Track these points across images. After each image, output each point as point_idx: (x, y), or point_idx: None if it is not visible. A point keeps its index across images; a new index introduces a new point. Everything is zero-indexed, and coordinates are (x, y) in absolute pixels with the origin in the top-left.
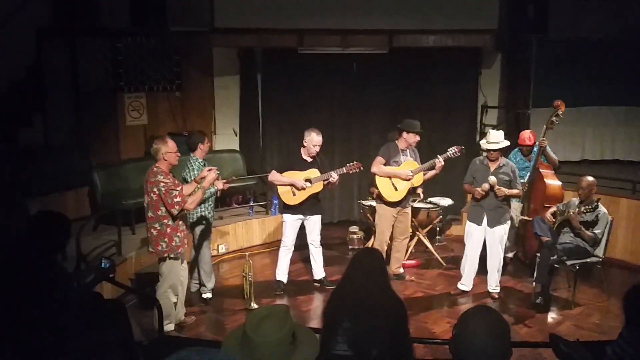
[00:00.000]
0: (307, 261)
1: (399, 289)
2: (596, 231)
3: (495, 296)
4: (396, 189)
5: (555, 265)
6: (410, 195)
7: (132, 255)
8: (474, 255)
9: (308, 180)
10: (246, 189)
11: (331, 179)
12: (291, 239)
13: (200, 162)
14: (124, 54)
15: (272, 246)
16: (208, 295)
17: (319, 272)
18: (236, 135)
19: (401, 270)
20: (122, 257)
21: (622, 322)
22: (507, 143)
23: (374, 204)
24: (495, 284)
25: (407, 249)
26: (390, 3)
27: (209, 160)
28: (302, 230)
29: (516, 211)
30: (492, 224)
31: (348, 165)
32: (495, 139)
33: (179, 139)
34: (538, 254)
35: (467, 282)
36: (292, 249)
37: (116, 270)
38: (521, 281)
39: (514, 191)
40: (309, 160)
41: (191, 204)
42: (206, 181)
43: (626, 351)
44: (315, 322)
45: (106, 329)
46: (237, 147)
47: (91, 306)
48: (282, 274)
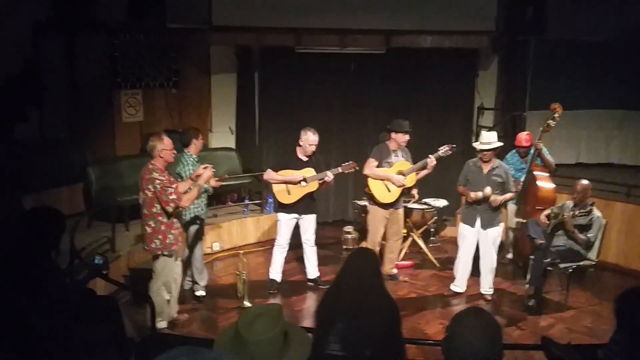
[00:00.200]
0: (301, 260)
1: (392, 290)
2: (589, 235)
3: (488, 298)
4: (389, 191)
5: (549, 268)
6: (403, 196)
7: (126, 252)
8: (467, 257)
9: (303, 180)
10: (241, 187)
11: (326, 179)
12: (286, 238)
13: (194, 158)
14: (121, 49)
15: (267, 245)
16: (201, 292)
17: (312, 271)
18: (232, 134)
19: (395, 271)
20: (115, 254)
21: (614, 325)
22: (499, 144)
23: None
24: (488, 286)
25: (401, 250)
26: (388, 3)
27: (205, 158)
28: (296, 229)
29: (511, 213)
30: (485, 226)
31: (343, 165)
32: (488, 139)
33: (175, 136)
34: (531, 257)
35: (460, 284)
36: (287, 248)
37: (109, 267)
38: (514, 283)
39: (507, 196)
40: (304, 159)
41: (186, 201)
42: (202, 179)
43: (617, 355)
44: (308, 321)
45: (99, 325)
46: (233, 145)
47: (84, 302)
48: (276, 272)
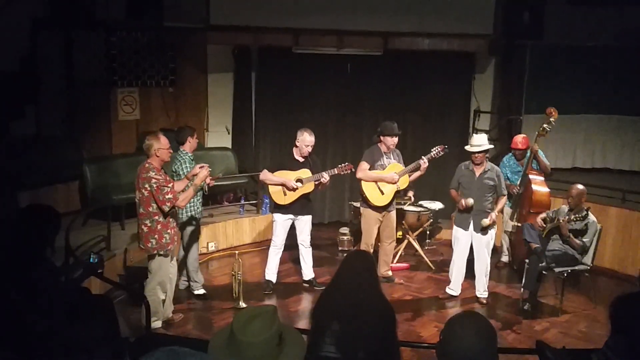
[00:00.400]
0: (296, 261)
1: (387, 292)
2: (585, 239)
3: (483, 301)
4: (382, 193)
5: (544, 272)
6: (396, 198)
7: (121, 251)
8: (461, 260)
9: (299, 181)
10: (237, 187)
11: (322, 180)
12: (281, 239)
13: (190, 156)
14: (118, 47)
15: (262, 245)
16: (201, 291)
17: (308, 272)
18: (229, 133)
19: (390, 273)
20: (111, 253)
21: (608, 330)
22: (490, 146)
23: None
24: (483, 289)
25: (396, 252)
26: (386, 5)
27: (202, 158)
28: (292, 230)
29: (507, 216)
30: (478, 229)
31: (339, 166)
32: (479, 142)
33: (172, 135)
34: (527, 260)
35: (455, 287)
36: (282, 249)
37: (105, 266)
38: (509, 287)
39: (500, 206)
40: (301, 160)
41: (182, 201)
42: (198, 178)
43: None
44: (303, 322)
45: (93, 324)
46: (229, 144)
47: (78, 301)
48: (271, 273)
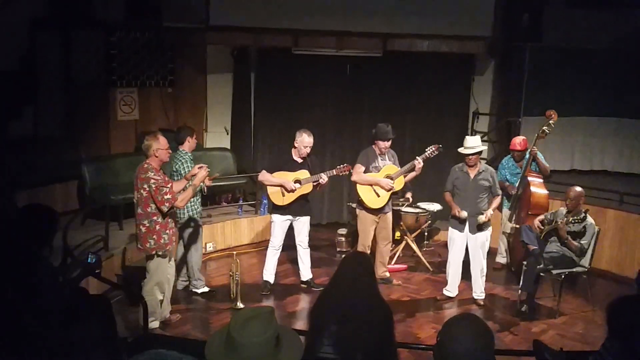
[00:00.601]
0: (294, 262)
1: (385, 293)
2: (583, 242)
3: (480, 303)
4: (378, 196)
5: (541, 274)
6: (393, 199)
7: (119, 251)
8: (457, 262)
9: (297, 181)
10: (236, 188)
11: (321, 181)
12: (279, 240)
13: (189, 156)
14: (117, 47)
15: (260, 246)
16: (205, 288)
17: (306, 273)
18: (227, 134)
19: (387, 275)
20: (108, 253)
21: (605, 332)
22: (483, 147)
23: None
24: (480, 291)
25: (394, 253)
26: (385, 7)
27: (200, 158)
28: (290, 231)
29: (505, 218)
30: (473, 230)
31: (338, 167)
32: (472, 144)
33: (170, 135)
34: (524, 262)
35: (452, 288)
36: (280, 250)
37: (102, 266)
38: (507, 288)
39: (494, 204)
40: (299, 161)
41: (181, 201)
42: (197, 179)
43: None
44: (301, 323)
45: (90, 324)
46: (228, 145)
47: (76, 301)
48: (269, 274)
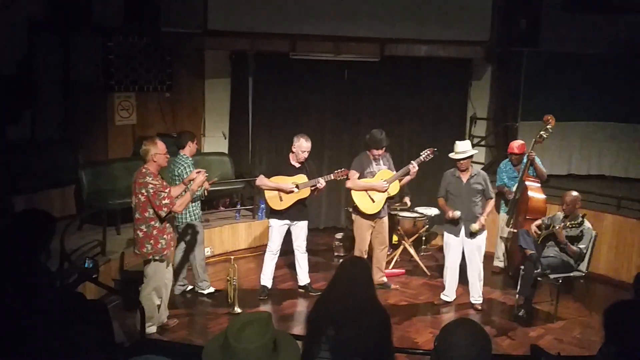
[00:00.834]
0: (292, 267)
1: (383, 297)
2: (581, 246)
3: (478, 307)
4: (373, 201)
5: (539, 279)
6: (390, 204)
7: (117, 256)
8: (454, 266)
9: (295, 186)
10: (233, 192)
11: (318, 185)
12: (277, 244)
13: (191, 160)
14: (115, 52)
15: (258, 251)
16: (212, 289)
17: (303, 278)
18: (225, 139)
19: (385, 280)
20: (106, 258)
21: (602, 337)
22: (474, 152)
23: None
24: (477, 295)
25: (392, 258)
26: (383, 12)
27: (198, 163)
28: (288, 235)
29: (503, 222)
30: (469, 235)
31: (336, 172)
32: (462, 148)
33: (169, 140)
34: (522, 267)
35: (449, 293)
36: (278, 254)
37: (100, 271)
38: (504, 293)
39: (488, 209)
40: (297, 165)
41: (179, 206)
42: (195, 184)
43: None
44: (298, 328)
45: (87, 329)
46: (225, 150)
47: (73, 306)
48: (267, 279)
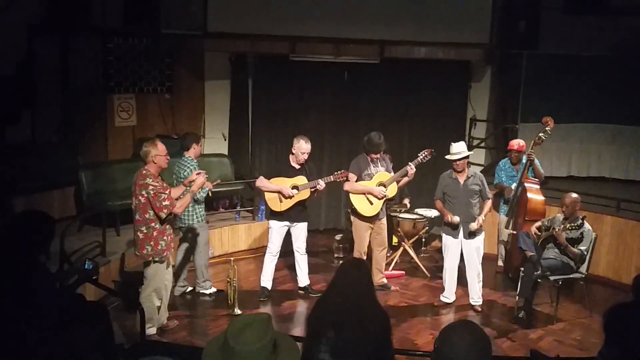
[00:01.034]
0: (292, 268)
1: (383, 299)
2: (581, 247)
3: (478, 309)
4: (372, 204)
5: (539, 280)
6: (390, 205)
7: (116, 257)
8: (452, 268)
9: (295, 187)
10: (233, 194)
11: (318, 187)
12: (277, 246)
13: (195, 162)
14: (115, 54)
15: (258, 252)
16: (214, 289)
17: (303, 279)
18: (225, 140)
19: (385, 281)
20: (106, 259)
21: (602, 339)
22: (469, 153)
23: None
24: (477, 296)
25: (392, 259)
26: (383, 14)
27: (198, 164)
28: (288, 237)
29: (502, 224)
30: (467, 236)
31: (335, 173)
32: (458, 150)
33: (168, 141)
34: (522, 268)
35: (449, 295)
36: (278, 256)
37: (99, 272)
38: (504, 295)
39: (486, 209)
40: (297, 167)
41: (179, 207)
42: (195, 185)
43: None
44: (298, 329)
45: (87, 330)
46: (225, 151)
47: (73, 307)
48: (266, 280)
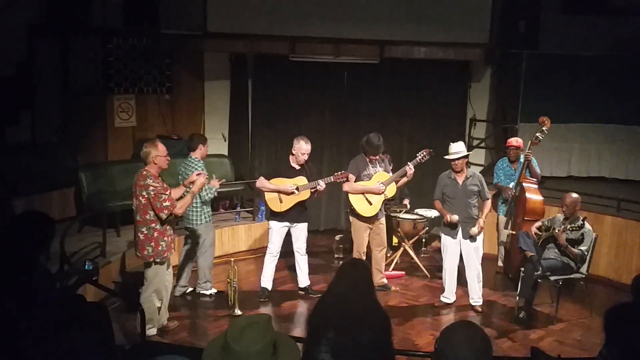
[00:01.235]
0: (292, 269)
1: (383, 299)
2: (582, 248)
3: (478, 309)
4: (370, 204)
5: (539, 280)
6: (390, 206)
7: (117, 258)
8: (452, 268)
9: (295, 188)
10: (233, 194)
11: (318, 187)
12: (277, 246)
13: (202, 163)
14: (115, 54)
15: (258, 253)
16: (214, 290)
17: (303, 280)
18: (225, 140)
19: (385, 281)
20: (106, 260)
21: (603, 339)
22: (467, 153)
23: None
24: (477, 296)
25: (392, 260)
26: (382, 14)
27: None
28: (288, 237)
29: (501, 225)
30: (466, 236)
31: (336, 174)
32: (456, 149)
33: (168, 142)
34: (522, 268)
35: (449, 295)
36: (278, 256)
37: (99, 273)
38: (504, 295)
39: (486, 210)
40: (297, 167)
41: (180, 208)
42: (195, 186)
43: None
44: (299, 330)
45: (87, 331)
46: (225, 152)
47: (73, 308)
48: (267, 281)
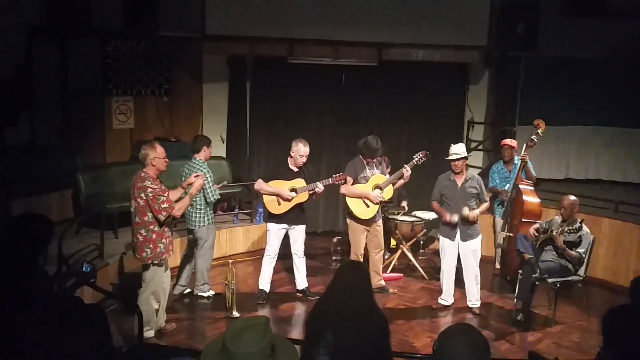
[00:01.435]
0: (290, 271)
1: (381, 301)
2: (580, 250)
3: (476, 311)
4: (368, 206)
5: (537, 283)
6: (387, 208)
7: (114, 260)
8: (450, 270)
9: (293, 190)
10: (231, 196)
11: (317, 190)
12: (275, 248)
13: (206, 165)
14: (113, 56)
15: (256, 255)
16: (212, 292)
17: (301, 282)
18: (223, 142)
19: (383, 283)
20: (104, 262)
21: (601, 341)
22: (467, 154)
23: None
24: (475, 299)
25: (390, 262)
26: (380, 16)
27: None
28: (286, 239)
29: (498, 227)
30: (464, 238)
31: (334, 176)
32: (456, 150)
33: (166, 144)
34: (520, 271)
35: (447, 297)
36: (276, 258)
37: (97, 275)
38: (502, 297)
39: (483, 206)
40: (295, 169)
41: (178, 210)
42: (194, 188)
43: None
44: (297, 332)
45: (85, 333)
46: (223, 154)
47: (71, 310)
48: (265, 283)
